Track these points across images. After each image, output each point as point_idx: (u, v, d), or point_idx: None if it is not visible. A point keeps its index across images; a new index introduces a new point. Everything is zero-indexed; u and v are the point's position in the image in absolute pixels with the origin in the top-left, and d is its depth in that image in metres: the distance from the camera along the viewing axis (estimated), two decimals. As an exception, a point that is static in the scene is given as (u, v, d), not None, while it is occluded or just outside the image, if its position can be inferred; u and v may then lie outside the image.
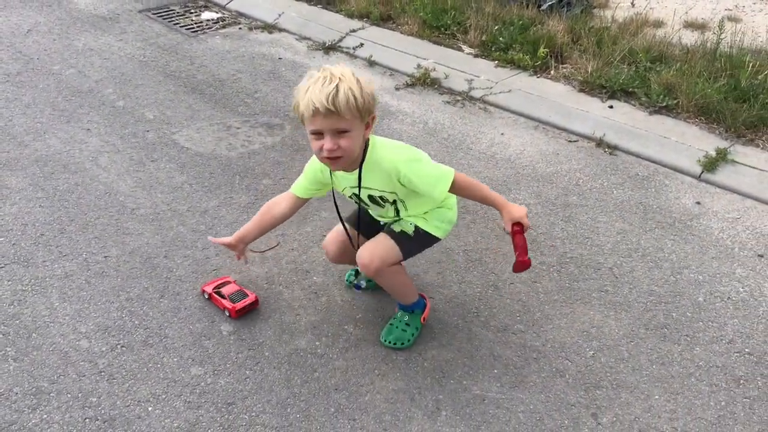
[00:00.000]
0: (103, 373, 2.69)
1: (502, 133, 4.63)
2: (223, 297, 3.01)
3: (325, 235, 3.13)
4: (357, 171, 2.44)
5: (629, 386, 2.70)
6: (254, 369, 2.72)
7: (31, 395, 2.57)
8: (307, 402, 2.58)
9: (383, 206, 2.59)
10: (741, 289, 3.26)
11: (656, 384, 2.71)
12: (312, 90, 2.11)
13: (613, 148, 4.45)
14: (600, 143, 4.49)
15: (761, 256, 3.50)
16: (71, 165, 4.13)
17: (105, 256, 3.36)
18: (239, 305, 2.97)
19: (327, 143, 2.19)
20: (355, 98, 2.13)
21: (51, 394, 2.58)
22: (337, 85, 2.11)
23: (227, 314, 2.98)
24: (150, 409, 2.54)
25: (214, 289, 3.06)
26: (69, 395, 2.58)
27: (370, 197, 2.55)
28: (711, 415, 2.59)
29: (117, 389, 2.61)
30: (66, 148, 4.30)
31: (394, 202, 2.56)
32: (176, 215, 3.68)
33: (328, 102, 2.09)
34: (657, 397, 2.66)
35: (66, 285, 3.17)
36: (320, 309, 3.06)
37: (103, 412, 2.52)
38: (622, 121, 4.68)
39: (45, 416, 2.49)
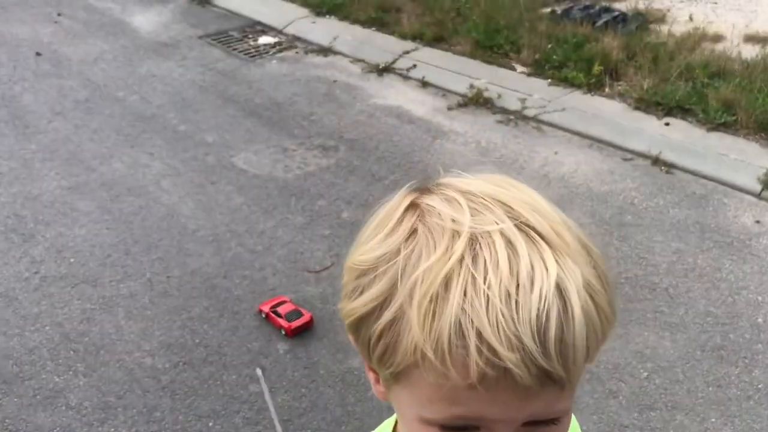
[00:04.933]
0: (166, 389, 2.80)
1: (555, 152, 4.63)
2: (279, 316, 3.10)
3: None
4: None
5: (684, 408, 2.68)
6: (309, 387, 2.80)
7: (100, 410, 2.70)
8: (361, 420, 2.64)
9: None
10: (803, 311, 3.18)
11: (712, 407, 2.68)
12: (472, 296, 0.58)
13: (669, 167, 4.39)
14: (656, 161, 4.44)
15: (825, 276, 3.41)
16: (135, 188, 4.31)
17: (168, 276, 3.49)
18: (295, 324, 3.05)
19: None
20: (602, 322, 0.65)
21: (118, 409, 2.71)
22: (561, 291, 0.60)
23: (283, 333, 3.06)
24: (210, 424, 2.63)
25: (271, 308, 3.15)
26: (135, 410, 2.70)
27: None
28: (770, 439, 2.54)
29: (179, 405, 2.72)
30: (130, 172, 4.49)
31: None
32: (235, 236, 3.80)
33: (546, 354, 0.58)
34: (713, 420, 2.63)
35: (131, 304, 3.31)
36: (374, 328, 3.12)
37: (166, 426, 2.63)
38: (679, 138, 4.62)
39: (112, 430, 2.62)
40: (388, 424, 0.87)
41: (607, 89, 5.32)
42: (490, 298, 0.57)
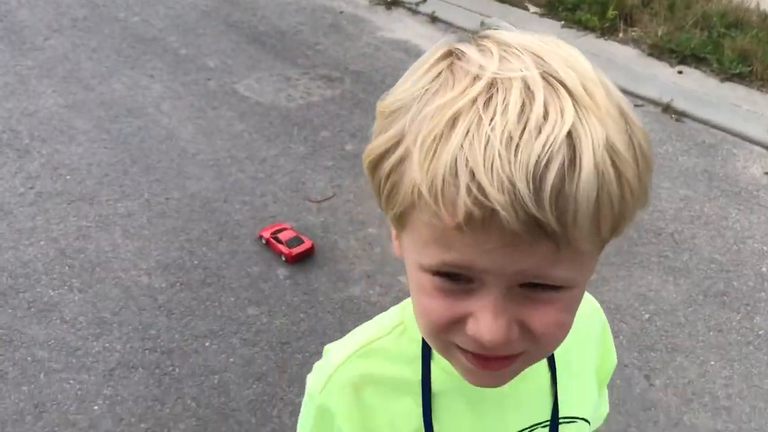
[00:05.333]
0: (162, 308, 2.76)
1: (564, 95, 4.53)
2: (280, 242, 3.05)
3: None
4: (546, 376, 0.84)
5: (685, 351, 2.66)
6: (308, 312, 2.77)
7: (94, 324, 2.67)
8: (359, 347, 2.61)
9: None
10: (808, 262, 3.16)
11: (712, 350, 2.67)
12: (473, 136, 0.55)
13: (680, 115, 4.31)
14: (667, 109, 4.36)
15: (831, 229, 3.38)
16: (135, 109, 4.20)
17: (166, 198, 3.43)
18: (296, 251, 3.00)
19: (492, 323, 0.61)
20: (622, 192, 0.57)
21: (113, 325, 2.67)
22: (572, 142, 0.55)
23: (284, 259, 3.02)
24: (207, 344, 2.61)
25: (271, 234, 3.10)
26: (130, 327, 2.67)
27: None
28: (769, 384, 2.54)
29: (175, 324, 2.69)
30: (130, 93, 4.38)
31: None
32: (235, 162, 3.73)
33: (538, 201, 0.54)
34: (713, 363, 2.61)
35: (128, 223, 3.25)
36: (374, 259, 3.08)
37: (161, 344, 2.60)
38: (692, 87, 4.53)
39: (107, 345, 2.58)
40: (407, 302, 0.83)
41: (621, 34, 5.19)
42: (490, 139, 0.55)
